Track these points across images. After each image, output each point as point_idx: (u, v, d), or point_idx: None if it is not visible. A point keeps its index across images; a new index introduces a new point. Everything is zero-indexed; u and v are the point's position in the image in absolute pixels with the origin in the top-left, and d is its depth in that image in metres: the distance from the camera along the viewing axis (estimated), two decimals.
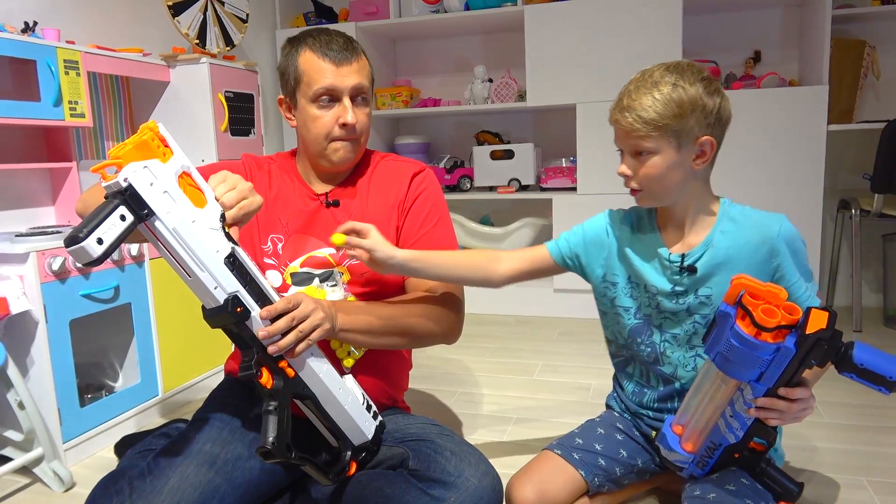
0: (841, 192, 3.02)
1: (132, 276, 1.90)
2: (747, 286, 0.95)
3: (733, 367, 0.97)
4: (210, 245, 0.94)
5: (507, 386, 2.20)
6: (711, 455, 1.13)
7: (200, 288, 0.94)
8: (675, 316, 1.24)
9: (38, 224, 2.03)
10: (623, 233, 1.30)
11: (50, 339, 1.63)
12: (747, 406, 1.02)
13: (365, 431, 1.15)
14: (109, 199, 0.85)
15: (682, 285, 1.21)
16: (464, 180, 3.34)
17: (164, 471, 1.05)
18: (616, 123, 1.16)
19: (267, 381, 0.98)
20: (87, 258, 0.81)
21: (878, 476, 1.50)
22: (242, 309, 0.95)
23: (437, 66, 3.61)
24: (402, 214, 1.32)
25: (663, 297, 1.23)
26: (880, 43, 2.90)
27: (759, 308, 0.93)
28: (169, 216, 0.89)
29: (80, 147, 2.22)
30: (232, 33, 2.58)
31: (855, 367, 0.95)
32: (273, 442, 0.96)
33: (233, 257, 0.96)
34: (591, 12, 2.84)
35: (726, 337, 0.95)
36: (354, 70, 1.24)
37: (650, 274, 1.24)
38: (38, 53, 1.82)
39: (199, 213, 0.94)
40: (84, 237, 0.80)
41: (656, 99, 1.10)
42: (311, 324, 1.02)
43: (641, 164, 1.15)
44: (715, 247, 1.19)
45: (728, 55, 3.10)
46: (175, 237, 0.90)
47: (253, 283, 0.99)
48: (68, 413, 1.70)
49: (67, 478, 1.60)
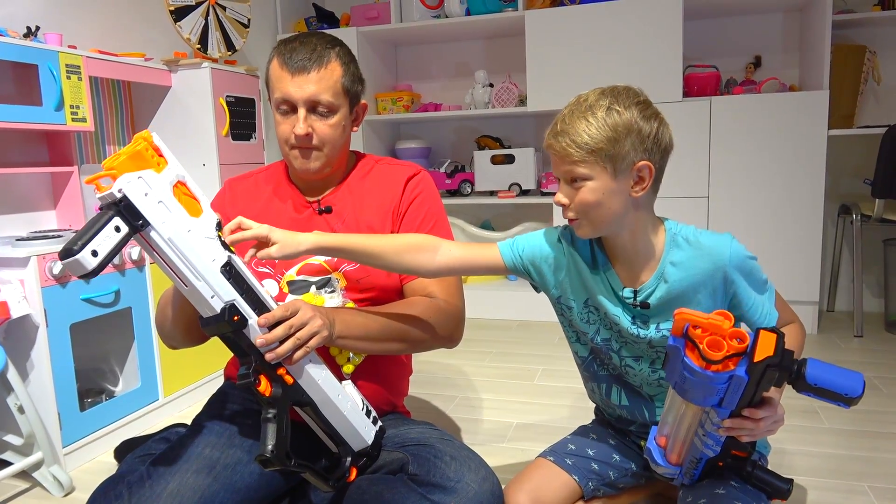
0: (842, 197, 3.02)
1: (133, 281, 1.90)
2: (690, 319, 0.93)
3: (692, 395, 0.97)
4: (206, 254, 0.94)
5: (508, 391, 2.19)
6: (696, 466, 1.13)
7: (197, 297, 0.94)
8: (636, 344, 1.20)
9: (39, 228, 2.04)
10: (578, 258, 1.22)
11: (50, 343, 1.64)
12: (716, 426, 1.02)
13: (365, 437, 1.14)
14: (104, 211, 0.85)
15: (642, 318, 1.18)
16: (465, 185, 3.34)
17: (164, 476, 1.05)
18: (549, 149, 1.11)
19: (265, 388, 0.98)
20: (82, 271, 0.81)
21: (879, 482, 1.50)
22: (240, 317, 0.95)
23: (438, 70, 3.62)
24: (398, 219, 1.31)
25: (623, 325, 1.18)
26: (881, 48, 2.91)
27: (705, 340, 0.92)
28: (164, 226, 0.89)
29: (81, 151, 2.22)
30: (233, 38, 2.59)
31: (810, 387, 0.94)
32: (272, 450, 0.96)
33: (229, 266, 0.96)
34: (592, 17, 2.85)
35: (679, 372, 0.95)
36: (312, 80, 1.19)
37: (608, 305, 1.19)
38: (40, 58, 1.83)
39: (194, 223, 0.94)
40: (78, 250, 0.80)
41: (590, 123, 1.06)
42: (309, 331, 1.02)
43: (577, 192, 1.09)
44: (668, 280, 1.14)
45: (729, 60, 3.11)
46: (171, 247, 0.90)
47: (250, 292, 0.98)
48: (68, 417, 1.70)
49: (67, 482, 1.59)
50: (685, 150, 2.77)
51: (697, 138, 2.76)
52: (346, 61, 1.25)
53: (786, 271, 2.69)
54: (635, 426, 1.32)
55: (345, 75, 1.24)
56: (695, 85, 2.87)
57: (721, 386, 0.94)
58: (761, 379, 0.93)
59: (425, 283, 1.29)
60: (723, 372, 0.92)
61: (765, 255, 2.71)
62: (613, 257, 1.19)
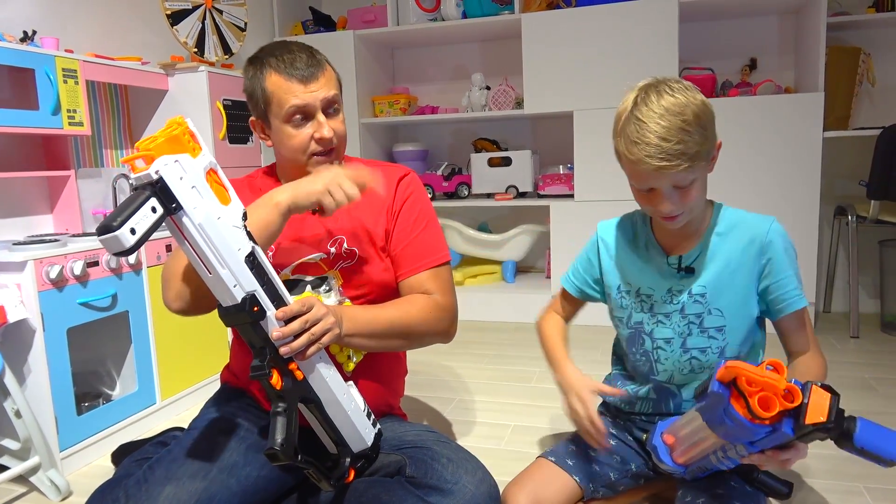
0: (837, 198, 3.03)
1: (130, 284, 1.90)
2: (745, 374, 0.90)
3: (726, 435, 0.96)
4: (233, 243, 0.94)
5: (505, 393, 2.19)
6: (704, 472, 1.14)
7: (219, 285, 0.94)
8: (667, 318, 1.24)
9: (35, 232, 2.04)
10: (615, 242, 1.33)
11: (47, 347, 1.63)
12: (740, 455, 1.01)
13: (365, 438, 1.15)
14: (140, 191, 0.86)
15: (678, 285, 1.23)
16: (462, 187, 3.35)
17: (160, 479, 1.05)
18: (647, 167, 1.06)
19: (277, 382, 0.99)
20: (120, 248, 0.81)
21: (875, 482, 1.50)
22: (259, 308, 0.96)
23: (434, 73, 3.62)
24: (392, 218, 1.32)
25: (658, 298, 1.24)
26: (875, 50, 2.92)
27: (757, 397, 0.90)
28: (196, 211, 0.90)
29: (78, 155, 2.23)
30: (230, 42, 2.60)
31: (854, 449, 0.91)
32: (281, 443, 0.96)
33: (252, 256, 0.97)
34: (588, 20, 2.86)
35: (719, 414, 0.93)
36: (322, 84, 1.22)
37: (645, 277, 1.26)
38: (37, 62, 1.83)
39: (223, 211, 0.94)
40: (118, 226, 0.80)
41: (686, 129, 1.04)
42: (323, 327, 1.03)
43: (686, 194, 1.10)
44: (711, 248, 1.21)
45: (724, 63, 3.12)
46: (200, 233, 0.91)
47: (270, 284, 0.99)
48: (65, 421, 1.70)
49: (64, 486, 1.59)
50: None
51: None
52: (328, 59, 1.30)
53: None
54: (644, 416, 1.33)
55: (336, 73, 1.30)
56: None
57: (762, 436, 0.92)
58: (804, 438, 0.91)
59: (422, 280, 1.30)
60: (768, 425, 0.90)
61: None
62: (660, 231, 1.26)
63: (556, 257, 3.03)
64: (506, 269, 3.37)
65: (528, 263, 3.62)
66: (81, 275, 1.73)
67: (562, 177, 3.10)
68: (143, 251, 1.96)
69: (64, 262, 1.69)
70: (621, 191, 2.83)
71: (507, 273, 3.36)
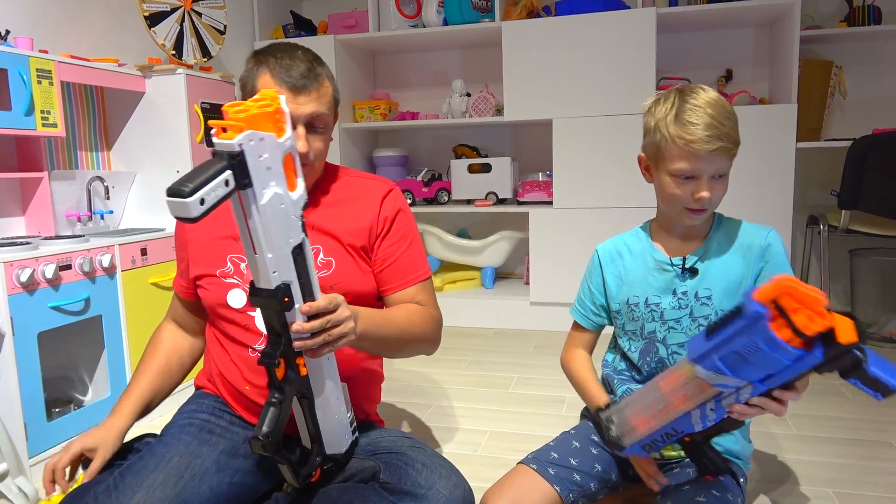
0: (810, 207, 3.08)
1: (103, 288, 1.87)
2: (791, 288, 0.86)
3: (747, 367, 0.91)
4: (287, 231, 0.93)
5: (482, 399, 2.20)
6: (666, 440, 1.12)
7: (260, 267, 0.93)
8: (678, 323, 1.27)
9: (6, 234, 2.00)
10: (617, 259, 1.36)
11: (17, 351, 1.61)
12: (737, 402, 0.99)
13: (342, 444, 1.14)
14: (217, 160, 0.84)
15: (684, 287, 1.26)
16: (441, 193, 3.35)
17: (130, 486, 1.04)
18: (704, 147, 1.14)
19: (282, 372, 0.98)
20: (186, 215, 0.80)
21: (844, 487, 1.53)
22: (290, 300, 0.95)
23: (415, 79, 3.63)
24: (375, 237, 1.32)
25: (666, 305, 1.27)
26: (847, 63, 2.99)
27: (802, 314, 0.85)
28: (264, 193, 0.88)
29: (51, 157, 2.19)
30: (209, 45, 2.58)
31: (867, 379, 0.88)
32: (267, 434, 0.95)
33: (300, 248, 0.97)
34: (568, 29, 2.89)
35: (752, 338, 0.88)
36: (313, 98, 1.19)
37: (651, 287, 1.29)
38: (10, 62, 1.81)
39: (288, 198, 0.93)
40: (188, 194, 0.79)
41: (730, 117, 1.16)
42: (341, 331, 1.01)
43: (720, 186, 1.19)
44: (711, 249, 1.26)
45: (701, 73, 3.17)
46: (260, 214, 0.89)
47: (306, 278, 0.98)
48: (35, 428, 1.67)
49: (33, 494, 1.56)
50: None
51: None
52: (331, 76, 1.27)
53: None
54: None
55: (334, 91, 1.26)
56: None
57: (787, 363, 0.88)
58: (831, 362, 0.88)
59: (412, 294, 1.33)
60: (803, 349, 0.86)
61: None
62: (660, 235, 1.32)
63: (535, 264, 3.04)
64: (485, 275, 3.38)
65: (507, 269, 3.63)
66: (53, 278, 1.70)
67: (541, 184, 3.12)
68: (116, 255, 1.93)
69: (35, 265, 1.66)
70: (599, 198, 2.89)
71: (486, 279, 3.38)
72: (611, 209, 2.88)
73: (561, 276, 3.00)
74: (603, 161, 2.88)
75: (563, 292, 2.98)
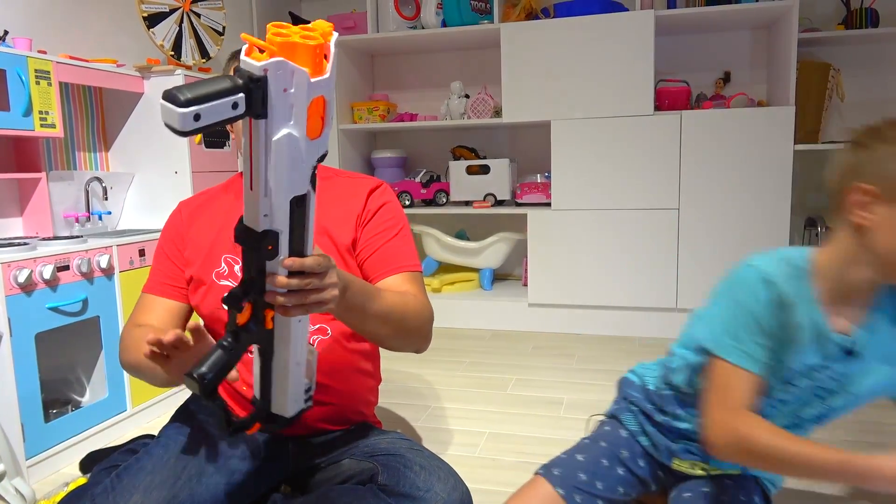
0: (807, 210, 3.09)
1: (101, 289, 1.87)
2: None
3: None
4: (292, 178, 0.84)
5: (480, 401, 2.20)
6: None
7: (252, 205, 0.84)
8: (833, 395, 1.09)
9: (4, 235, 2.00)
10: (797, 290, 1.05)
11: (14, 353, 1.60)
12: None
13: (290, 408, 1.05)
14: (234, 79, 0.74)
15: (835, 372, 1.05)
16: (440, 195, 3.35)
17: (127, 488, 1.04)
18: None
19: (243, 318, 0.90)
20: (174, 125, 0.71)
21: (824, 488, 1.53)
22: (273, 248, 0.86)
23: (414, 81, 3.63)
24: (360, 226, 1.30)
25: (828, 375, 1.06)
26: (844, 66, 2.99)
27: None
28: (278, 130, 0.79)
29: (49, 158, 2.19)
30: (208, 46, 2.58)
31: None
32: (204, 374, 0.86)
33: (302, 200, 0.87)
34: (567, 32, 2.89)
35: None
36: None
37: (801, 349, 1.05)
38: (8, 63, 1.80)
39: (305, 145, 0.83)
40: (183, 104, 0.69)
41: None
42: (320, 297, 0.93)
43: None
44: (878, 329, 1.03)
45: (699, 76, 3.17)
46: (267, 151, 0.80)
47: (300, 231, 0.89)
48: (32, 429, 1.66)
49: (30, 495, 1.56)
50: (656, 163, 2.81)
51: (668, 151, 2.81)
52: None
53: None
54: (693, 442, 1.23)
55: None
56: (666, 99, 2.93)
57: None
58: None
59: (398, 282, 1.27)
60: None
61: None
62: (830, 295, 1.04)
63: (534, 265, 3.04)
64: (483, 277, 3.38)
65: (505, 271, 3.63)
66: (51, 279, 1.70)
67: (539, 185, 3.13)
68: (115, 255, 1.93)
69: (33, 266, 1.66)
70: (597, 200, 2.89)
71: (484, 280, 3.38)
72: (609, 210, 2.88)
73: (559, 278, 3.00)
74: (601, 163, 2.89)
75: (562, 294, 2.99)
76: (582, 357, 2.64)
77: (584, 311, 2.99)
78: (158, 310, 1.28)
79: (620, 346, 2.79)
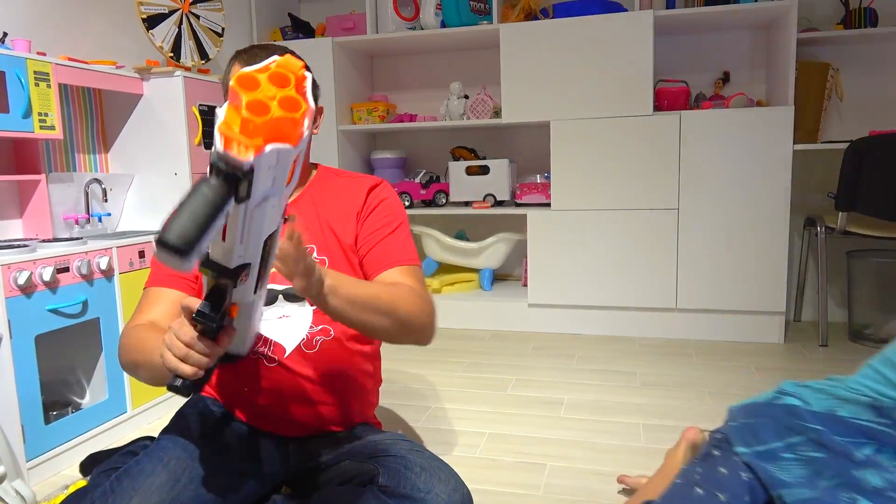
0: (807, 209, 3.09)
1: (101, 291, 1.87)
2: None
3: None
4: (267, 226, 0.82)
5: (480, 401, 2.20)
6: None
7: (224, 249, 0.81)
8: None
9: (4, 237, 2.00)
10: None
11: (14, 354, 1.60)
12: None
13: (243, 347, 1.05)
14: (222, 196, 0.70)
15: None
16: (439, 195, 3.35)
17: (127, 490, 1.04)
18: None
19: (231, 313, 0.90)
20: (180, 269, 0.70)
21: None
22: (246, 277, 0.85)
23: (413, 81, 3.63)
24: (360, 222, 1.32)
25: None
26: (843, 66, 3.00)
27: None
28: (257, 199, 0.75)
29: (49, 159, 2.19)
30: (207, 47, 2.58)
31: None
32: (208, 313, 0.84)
33: (273, 235, 0.86)
34: (566, 32, 2.89)
35: None
36: None
37: None
38: (8, 65, 1.80)
39: (277, 192, 0.79)
40: (187, 254, 0.68)
41: None
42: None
43: None
44: None
45: (698, 76, 3.17)
46: (246, 216, 0.77)
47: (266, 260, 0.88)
48: (32, 431, 1.66)
49: (30, 497, 1.56)
50: (655, 163, 2.82)
51: (667, 151, 2.81)
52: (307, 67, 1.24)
53: (753, 282, 2.74)
54: None
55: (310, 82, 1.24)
56: (665, 99, 2.93)
57: None
58: None
59: (395, 275, 1.27)
60: None
61: (732, 267, 2.77)
62: None
63: (533, 266, 3.04)
64: (483, 278, 3.38)
65: (505, 271, 3.63)
66: (51, 281, 1.70)
67: (539, 186, 3.13)
68: (114, 257, 1.93)
69: (33, 268, 1.66)
70: (597, 200, 2.89)
71: (484, 281, 3.38)
72: (609, 211, 2.88)
73: (559, 278, 3.00)
74: (601, 163, 2.89)
75: (562, 294, 2.99)
76: (582, 357, 2.64)
77: (584, 312, 2.99)
78: (164, 302, 1.25)
79: (620, 346, 2.79)
